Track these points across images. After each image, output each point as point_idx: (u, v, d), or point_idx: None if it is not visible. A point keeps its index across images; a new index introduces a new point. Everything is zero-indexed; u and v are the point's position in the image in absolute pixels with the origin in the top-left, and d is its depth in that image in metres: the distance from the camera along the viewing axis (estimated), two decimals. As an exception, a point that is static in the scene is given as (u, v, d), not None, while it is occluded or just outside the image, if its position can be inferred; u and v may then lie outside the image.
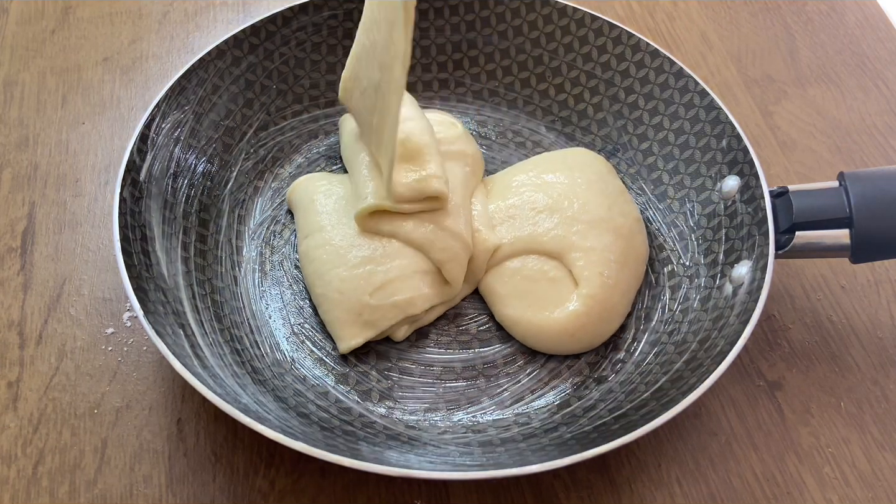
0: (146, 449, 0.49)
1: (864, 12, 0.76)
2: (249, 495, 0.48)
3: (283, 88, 0.62)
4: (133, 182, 0.51)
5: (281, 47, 0.61)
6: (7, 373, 0.52)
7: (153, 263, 0.49)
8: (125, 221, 0.49)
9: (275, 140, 0.61)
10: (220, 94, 0.58)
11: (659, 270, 0.57)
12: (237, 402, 0.44)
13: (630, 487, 0.49)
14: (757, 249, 0.51)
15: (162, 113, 0.54)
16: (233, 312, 0.53)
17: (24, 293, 0.55)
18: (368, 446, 0.46)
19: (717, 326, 0.50)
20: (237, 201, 0.58)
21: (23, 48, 0.69)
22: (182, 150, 0.55)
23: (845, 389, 0.53)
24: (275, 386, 0.50)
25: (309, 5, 0.60)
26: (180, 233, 0.53)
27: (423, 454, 0.47)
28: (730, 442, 0.51)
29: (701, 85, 0.58)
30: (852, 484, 0.50)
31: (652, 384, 0.49)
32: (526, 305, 0.53)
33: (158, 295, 0.48)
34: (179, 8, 0.73)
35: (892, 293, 0.58)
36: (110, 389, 0.51)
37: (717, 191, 0.56)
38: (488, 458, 0.46)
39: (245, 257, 0.56)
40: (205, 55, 0.57)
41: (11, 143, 0.63)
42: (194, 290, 0.51)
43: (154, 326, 0.44)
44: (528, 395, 0.52)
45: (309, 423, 0.47)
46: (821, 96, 0.69)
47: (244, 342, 0.52)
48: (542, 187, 0.57)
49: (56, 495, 0.47)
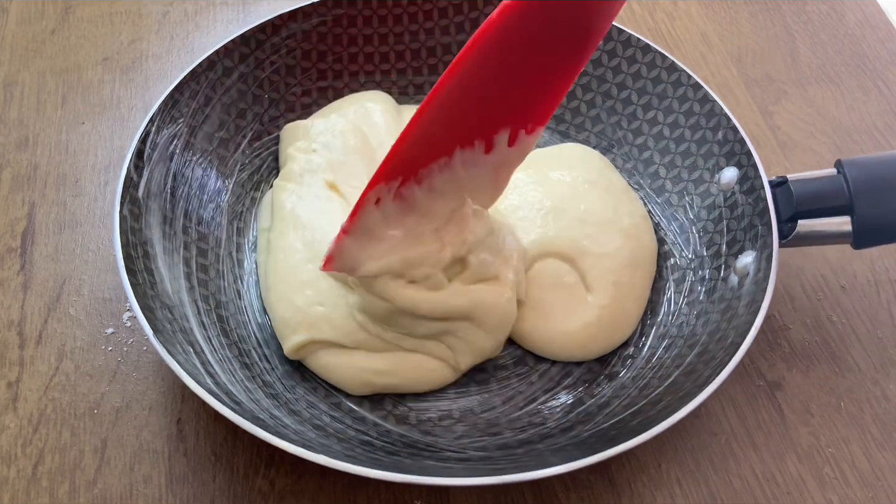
0: (146, 449, 0.49)
1: (864, 12, 0.76)
2: (249, 495, 0.48)
3: (276, 97, 0.61)
4: (132, 199, 0.50)
5: (271, 56, 0.60)
6: (7, 373, 0.52)
7: (157, 281, 0.48)
8: (127, 240, 0.48)
9: (269, 150, 0.60)
10: (213, 105, 0.57)
11: (662, 264, 0.56)
12: (256, 419, 0.43)
13: (630, 487, 0.49)
14: (760, 240, 0.51)
15: (156, 127, 0.53)
16: (239, 326, 0.52)
17: (24, 293, 0.55)
18: (387, 456, 0.46)
19: (725, 318, 0.50)
20: (235, 213, 0.57)
21: (23, 48, 0.69)
22: (178, 164, 0.54)
23: (845, 389, 0.53)
24: (287, 399, 0.49)
25: (298, 13, 0.60)
26: (181, 248, 0.52)
27: (443, 460, 0.46)
28: (730, 442, 0.51)
29: (694, 78, 0.58)
30: (852, 484, 0.50)
31: (665, 378, 0.49)
32: (536, 316, 0.53)
33: (165, 313, 0.47)
34: (179, 8, 0.73)
35: (892, 293, 0.58)
36: (110, 389, 0.51)
37: (715, 183, 0.56)
38: (509, 461, 0.46)
39: (246, 270, 0.55)
40: (196, 66, 0.56)
41: (11, 143, 0.63)
42: (199, 306, 0.51)
43: (165, 346, 0.43)
44: (540, 395, 0.51)
45: (326, 436, 0.47)
46: (821, 96, 0.69)
47: (252, 356, 0.51)
48: (542, 186, 0.57)
49: (56, 495, 0.47)
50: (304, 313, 0.50)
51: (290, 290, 0.51)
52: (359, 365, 0.50)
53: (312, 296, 0.51)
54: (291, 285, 0.51)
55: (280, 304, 0.51)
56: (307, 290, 0.51)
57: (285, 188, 0.56)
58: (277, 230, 0.54)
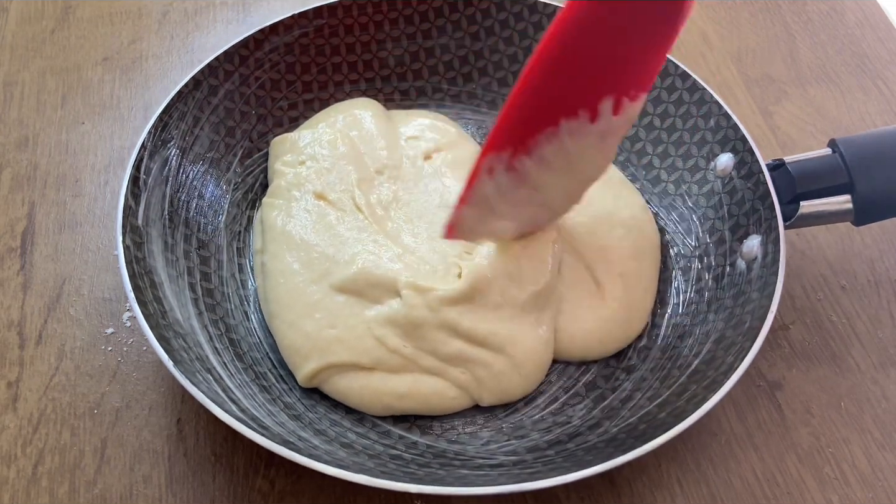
0: (146, 449, 0.49)
1: (864, 12, 0.76)
2: (249, 495, 0.48)
3: (263, 113, 0.60)
4: (132, 228, 0.49)
5: (256, 71, 0.59)
6: (7, 373, 0.52)
7: (167, 310, 0.47)
8: (133, 270, 0.47)
9: (261, 167, 0.60)
10: (202, 125, 0.56)
11: (666, 254, 0.57)
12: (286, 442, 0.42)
13: (630, 487, 0.49)
14: (764, 223, 0.51)
15: (149, 153, 0.52)
16: (251, 349, 0.51)
17: (24, 293, 0.55)
18: (420, 468, 0.45)
19: (738, 303, 0.50)
20: (234, 234, 0.56)
21: (23, 48, 0.69)
22: (173, 188, 0.54)
23: (845, 389, 0.53)
24: (310, 419, 0.48)
25: (279, 25, 0.59)
26: (185, 274, 0.51)
27: (476, 468, 0.46)
28: (730, 442, 0.51)
29: (682, 68, 0.58)
30: (852, 484, 0.50)
31: (685, 368, 0.49)
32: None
33: (179, 342, 0.46)
34: (179, 8, 0.73)
35: (892, 293, 0.58)
36: (110, 389, 0.51)
37: (711, 170, 0.56)
38: (543, 463, 0.46)
39: (251, 291, 0.54)
40: (182, 87, 0.55)
41: (11, 143, 0.63)
42: (210, 332, 0.49)
43: (187, 377, 0.43)
44: (561, 394, 0.51)
45: (356, 453, 0.46)
46: (821, 96, 0.69)
47: (269, 378, 0.50)
48: None
49: (56, 495, 0.47)
50: (315, 339, 0.49)
51: (296, 317, 0.50)
52: (379, 389, 0.48)
53: (322, 319, 0.49)
54: (297, 311, 0.50)
55: (288, 332, 0.50)
56: (315, 314, 0.49)
57: (273, 205, 0.55)
58: (270, 252, 0.53)
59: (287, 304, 0.50)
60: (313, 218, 0.54)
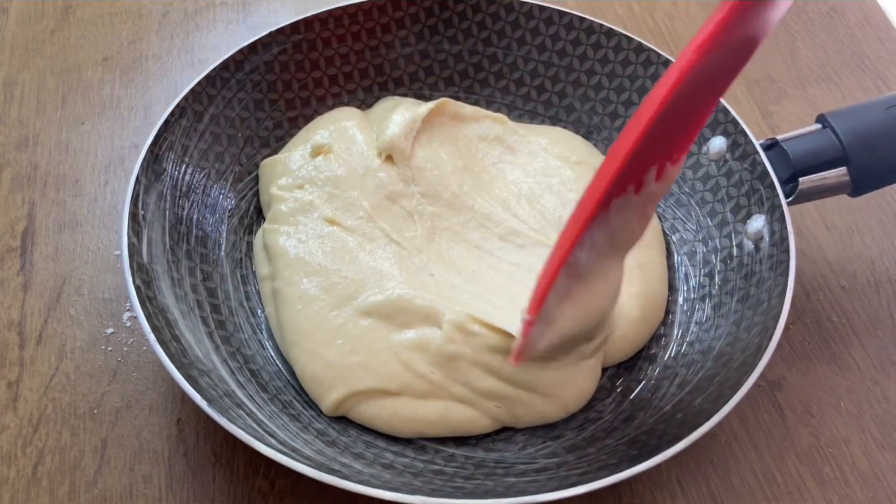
0: (146, 449, 0.49)
1: (864, 12, 0.76)
2: (249, 495, 0.48)
3: (249, 134, 0.59)
4: (139, 267, 0.47)
5: (238, 93, 0.58)
6: (7, 373, 0.52)
7: (186, 348, 0.46)
8: (148, 311, 0.45)
9: (253, 190, 0.58)
10: (191, 153, 0.55)
11: (668, 240, 0.57)
12: (332, 470, 0.42)
13: (630, 487, 0.49)
14: (767, 202, 0.51)
15: (144, 187, 0.50)
16: (273, 378, 0.50)
17: (24, 293, 0.55)
18: (466, 481, 0.44)
19: (751, 283, 0.50)
20: (235, 262, 0.55)
21: (23, 48, 0.69)
22: (171, 221, 0.52)
23: (845, 389, 0.53)
24: (346, 444, 0.46)
25: (257, 44, 0.58)
26: (196, 308, 0.50)
27: (520, 474, 0.45)
28: (730, 442, 0.51)
29: (664, 56, 0.58)
30: (852, 484, 0.50)
31: (709, 352, 0.49)
32: None
33: (206, 380, 0.44)
34: (179, 8, 0.73)
35: (892, 293, 0.58)
36: (110, 389, 0.51)
37: (703, 154, 0.56)
38: (588, 462, 0.45)
39: (261, 319, 0.53)
40: (168, 116, 0.53)
41: (11, 143, 0.63)
42: (230, 366, 0.48)
43: (223, 415, 0.41)
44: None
45: (399, 473, 0.45)
46: (821, 96, 0.69)
47: (296, 406, 0.48)
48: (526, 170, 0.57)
49: (56, 495, 0.47)
50: (338, 366, 0.47)
51: (317, 345, 0.48)
52: (409, 416, 0.47)
53: (345, 345, 0.48)
54: (318, 338, 0.48)
55: (309, 361, 0.48)
56: (338, 340, 0.48)
57: (278, 231, 0.53)
58: (284, 278, 0.51)
59: (306, 331, 0.49)
60: (329, 243, 0.52)
